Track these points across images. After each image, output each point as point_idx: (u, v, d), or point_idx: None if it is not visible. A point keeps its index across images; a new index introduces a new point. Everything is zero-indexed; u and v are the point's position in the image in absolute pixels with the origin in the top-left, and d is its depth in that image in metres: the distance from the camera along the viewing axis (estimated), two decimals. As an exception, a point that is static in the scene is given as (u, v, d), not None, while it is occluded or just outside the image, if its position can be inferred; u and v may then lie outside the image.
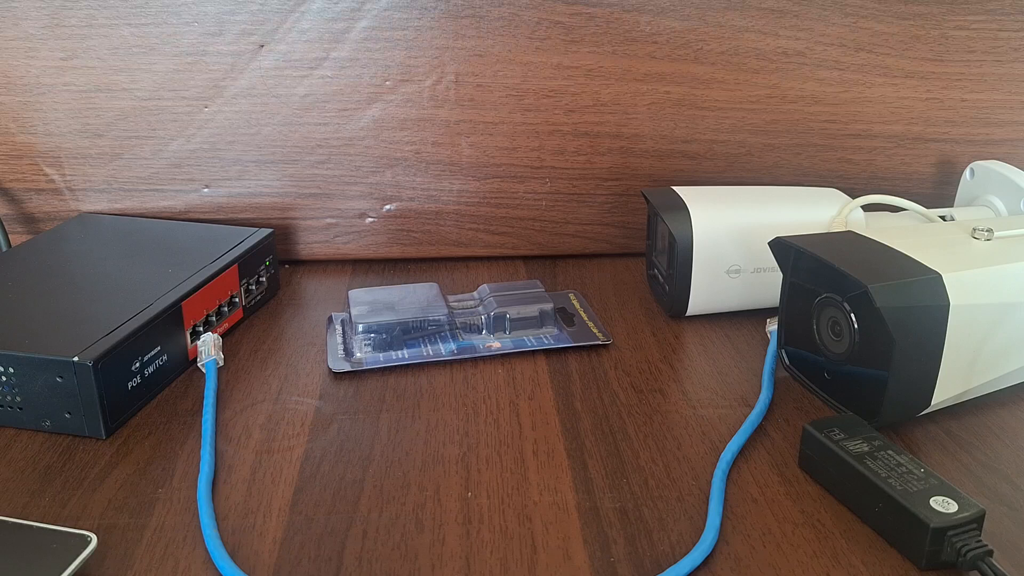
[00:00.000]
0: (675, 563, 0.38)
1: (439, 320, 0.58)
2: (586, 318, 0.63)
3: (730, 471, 0.46)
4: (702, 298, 0.62)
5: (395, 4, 0.67)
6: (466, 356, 0.57)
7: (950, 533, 0.37)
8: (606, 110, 0.71)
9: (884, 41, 0.71)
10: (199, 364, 0.55)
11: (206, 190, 0.72)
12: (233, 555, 0.39)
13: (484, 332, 0.60)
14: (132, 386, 0.50)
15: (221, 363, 0.55)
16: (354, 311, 0.59)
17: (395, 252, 0.75)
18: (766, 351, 0.58)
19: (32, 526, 0.39)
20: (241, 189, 0.72)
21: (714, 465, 0.46)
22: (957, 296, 0.46)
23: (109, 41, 0.67)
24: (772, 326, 0.59)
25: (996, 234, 0.52)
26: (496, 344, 0.59)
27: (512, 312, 0.59)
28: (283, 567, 0.38)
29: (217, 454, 0.47)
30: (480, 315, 0.60)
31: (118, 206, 0.72)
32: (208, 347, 0.55)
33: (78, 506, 0.42)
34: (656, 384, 0.55)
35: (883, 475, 0.40)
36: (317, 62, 0.68)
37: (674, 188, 0.64)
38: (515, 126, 0.71)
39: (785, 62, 0.71)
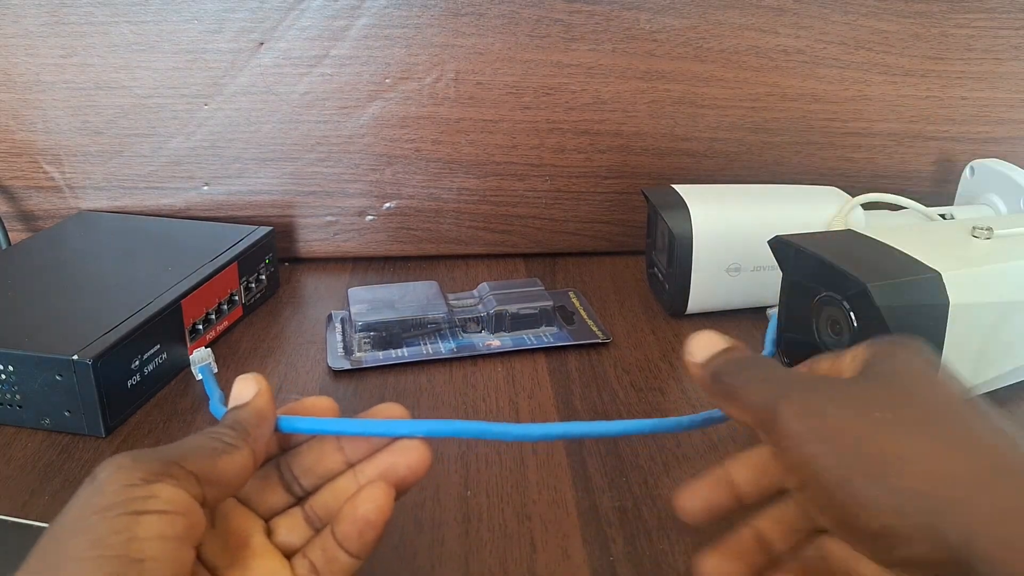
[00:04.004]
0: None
1: (439, 318, 0.58)
2: (585, 316, 0.63)
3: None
4: (702, 296, 0.62)
5: (395, 1, 0.67)
6: (465, 354, 0.57)
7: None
8: (606, 108, 0.71)
9: (884, 39, 0.71)
10: (194, 374, 0.53)
11: (206, 188, 0.72)
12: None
13: (484, 330, 0.60)
14: (131, 384, 0.50)
15: (215, 371, 0.54)
16: (354, 309, 0.59)
17: (395, 250, 0.75)
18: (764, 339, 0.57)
19: (32, 525, 0.39)
20: (241, 187, 0.72)
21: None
22: (957, 295, 0.46)
23: (109, 38, 0.67)
24: (772, 309, 0.58)
25: (996, 233, 0.52)
26: (496, 342, 0.59)
27: (512, 310, 0.59)
28: (282, 566, 0.38)
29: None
30: (480, 313, 0.60)
31: (118, 204, 0.72)
32: (200, 356, 0.53)
33: (78, 504, 0.42)
34: (656, 382, 0.55)
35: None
36: (317, 60, 0.68)
37: (674, 186, 0.64)
38: (515, 124, 0.71)
39: (785, 60, 0.71)
